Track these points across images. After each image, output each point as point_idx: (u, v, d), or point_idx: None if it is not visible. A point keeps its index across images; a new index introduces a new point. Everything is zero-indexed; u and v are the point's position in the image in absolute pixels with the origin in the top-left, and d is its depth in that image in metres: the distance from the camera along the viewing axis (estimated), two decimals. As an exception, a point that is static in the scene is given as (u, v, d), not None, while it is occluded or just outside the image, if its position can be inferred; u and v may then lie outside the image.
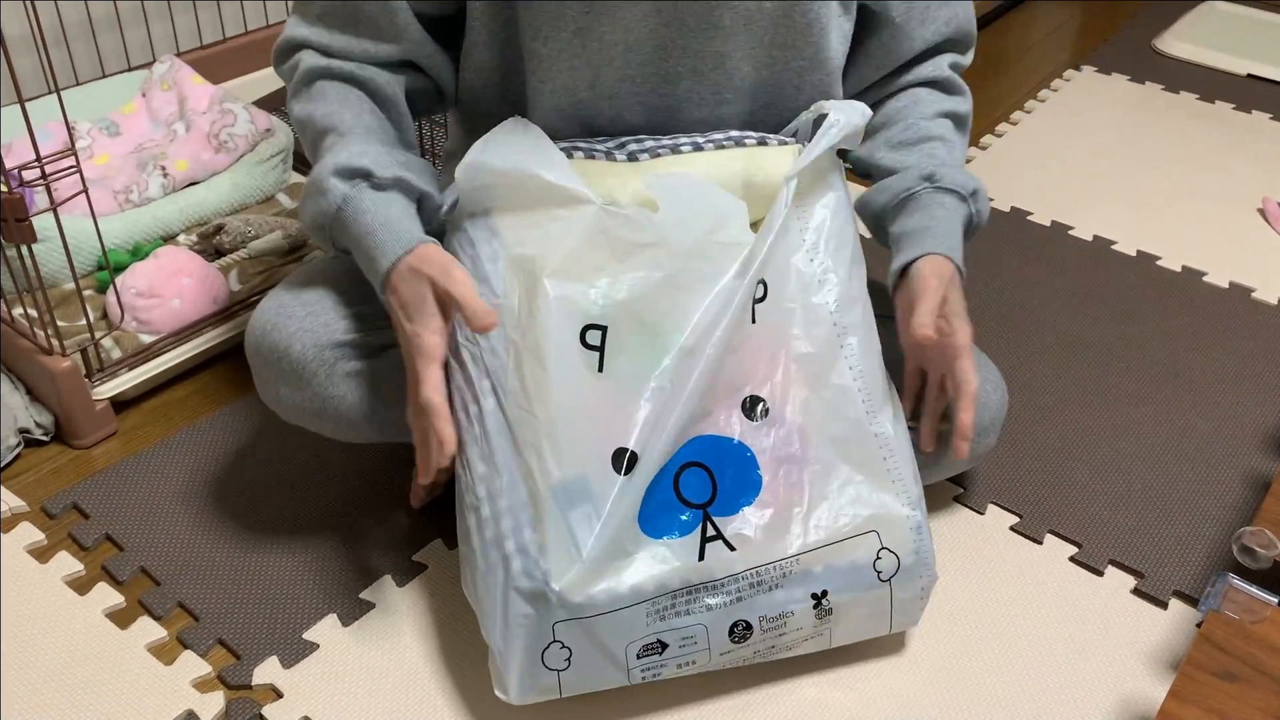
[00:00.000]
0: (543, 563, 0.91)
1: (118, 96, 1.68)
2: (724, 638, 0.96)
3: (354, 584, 1.14)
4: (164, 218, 1.50)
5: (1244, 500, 1.30)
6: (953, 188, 1.09)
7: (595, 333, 0.95)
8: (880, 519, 0.98)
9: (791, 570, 0.96)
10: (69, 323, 1.34)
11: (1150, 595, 1.17)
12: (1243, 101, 2.25)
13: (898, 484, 1.00)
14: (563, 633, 0.92)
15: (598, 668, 0.95)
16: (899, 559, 0.99)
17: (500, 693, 0.95)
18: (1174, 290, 1.67)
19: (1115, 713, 1.05)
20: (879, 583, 0.99)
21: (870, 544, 0.98)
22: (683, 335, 0.95)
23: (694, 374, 0.94)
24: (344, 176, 0.97)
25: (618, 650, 0.94)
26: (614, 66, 1.03)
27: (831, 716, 1.03)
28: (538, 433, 0.92)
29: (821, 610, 0.98)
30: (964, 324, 1.04)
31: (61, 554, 1.16)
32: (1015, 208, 1.86)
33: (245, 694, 1.03)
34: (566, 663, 0.93)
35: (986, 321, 1.58)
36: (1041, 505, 1.27)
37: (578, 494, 0.92)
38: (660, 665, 0.96)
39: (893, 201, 1.11)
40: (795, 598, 0.96)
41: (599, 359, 0.94)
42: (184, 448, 1.30)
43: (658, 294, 0.96)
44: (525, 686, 0.94)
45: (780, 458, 0.97)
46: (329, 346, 1.01)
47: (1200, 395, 1.46)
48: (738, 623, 0.96)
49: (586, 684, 0.96)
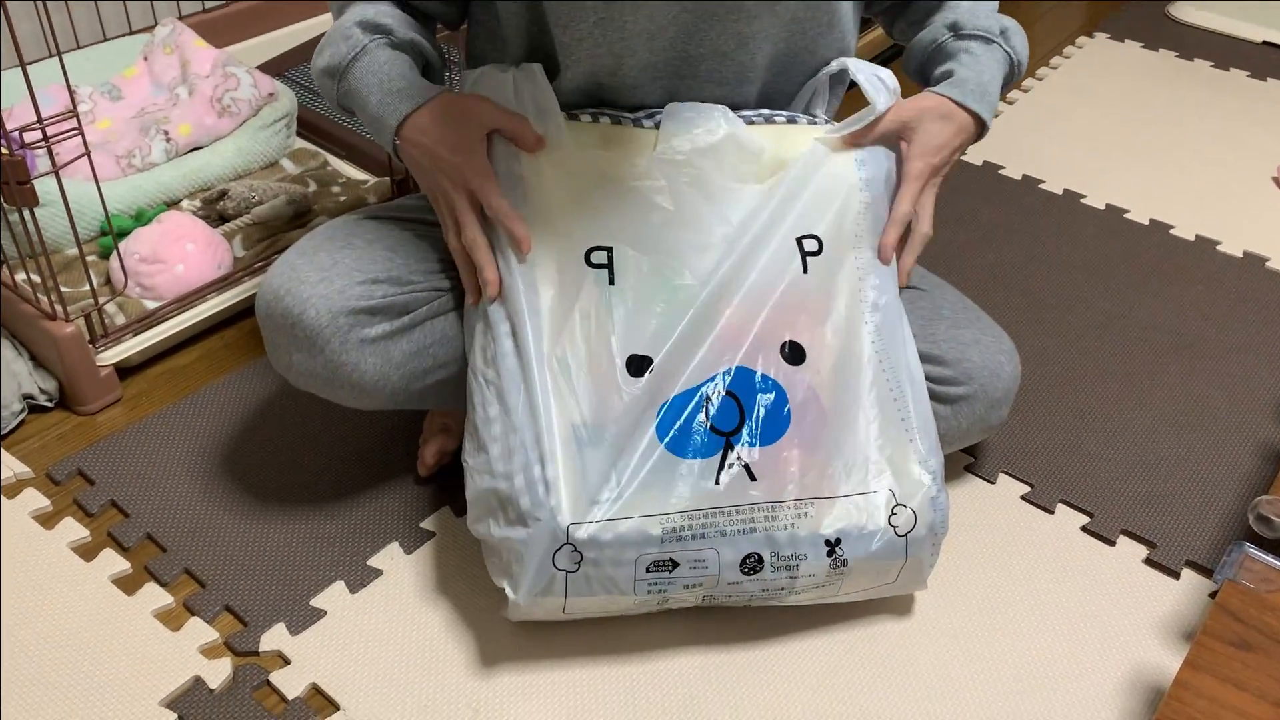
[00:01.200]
0: (550, 498, 0.92)
1: (120, 60, 1.66)
2: (735, 568, 0.97)
3: (362, 551, 1.13)
4: (167, 183, 1.49)
5: (1256, 470, 1.29)
6: (976, 32, 1.11)
7: (601, 253, 0.99)
8: (899, 475, 1.00)
9: (808, 512, 0.97)
10: (72, 288, 1.33)
11: (1162, 565, 1.16)
12: (1258, 69, 2.22)
13: (916, 442, 1.01)
14: (574, 537, 0.93)
15: (606, 577, 0.95)
16: (915, 515, 0.99)
17: (510, 592, 0.96)
18: (1187, 259, 1.66)
19: (1127, 682, 1.04)
20: (895, 537, 0.99)
21: (886, 499, 0.99)
22: (690, 267, 1.00)
23: (704, 294, 0.98)
24: (366, 29, 1.02)
25: (627, 561, 0.94)
26: (637, 55, 1.03)
27: (841, 685, 1.03)
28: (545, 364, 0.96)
29: (836, 560, 0.98)
30: (924, 161, 1.07)
31: (67, 520, 1.15)
32: (1027, 175, 1.84)
33: (252, 660, 1.03)
34: (576, 565, 0.94)
35: (997, 290, 1.56)
36: (1053, 475, 1.26)
37: (592, 435, 0.94)
38: (668, 583, 0.97)
39: (924, 56, 1.15)
40: (809, 540, 0.97)
41: (608, 274, 0.99)
42: (189, 414, 1.29)
43: (663, 228, 1.00)
44: (533, 586, 0.94)
45: (810, 404, 0.99)
46: (343, 313, 1.00)
47: (1213, 365, 1.44)
48: (750, 555, 0.96)
49: (592, 591, 0.96)
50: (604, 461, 0.94)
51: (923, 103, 1.08)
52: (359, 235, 1.06)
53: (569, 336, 0.97)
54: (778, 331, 1.00)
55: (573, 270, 0.99)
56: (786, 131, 1.07)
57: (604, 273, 0.99)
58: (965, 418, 1.12)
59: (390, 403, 1.07)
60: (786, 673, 1.04)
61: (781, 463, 0.97)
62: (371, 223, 1.09)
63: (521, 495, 0.94)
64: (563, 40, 1.02)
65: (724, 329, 0.98)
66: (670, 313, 0.98)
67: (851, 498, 0.98)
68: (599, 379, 0.96)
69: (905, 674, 1.04)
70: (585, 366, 0.96)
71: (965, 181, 1.82)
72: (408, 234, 1.08)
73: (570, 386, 0.96)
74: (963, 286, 1.54)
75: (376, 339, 1.02)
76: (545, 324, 0.97)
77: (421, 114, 1.00)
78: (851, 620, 1.08)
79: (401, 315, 1.04)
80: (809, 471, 0.97)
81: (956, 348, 1.11)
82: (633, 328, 0.98)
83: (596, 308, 0.98)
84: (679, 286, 0.99)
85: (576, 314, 0.98)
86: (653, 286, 0.99)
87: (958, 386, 1.11)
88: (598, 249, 1.00)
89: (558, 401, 0.95)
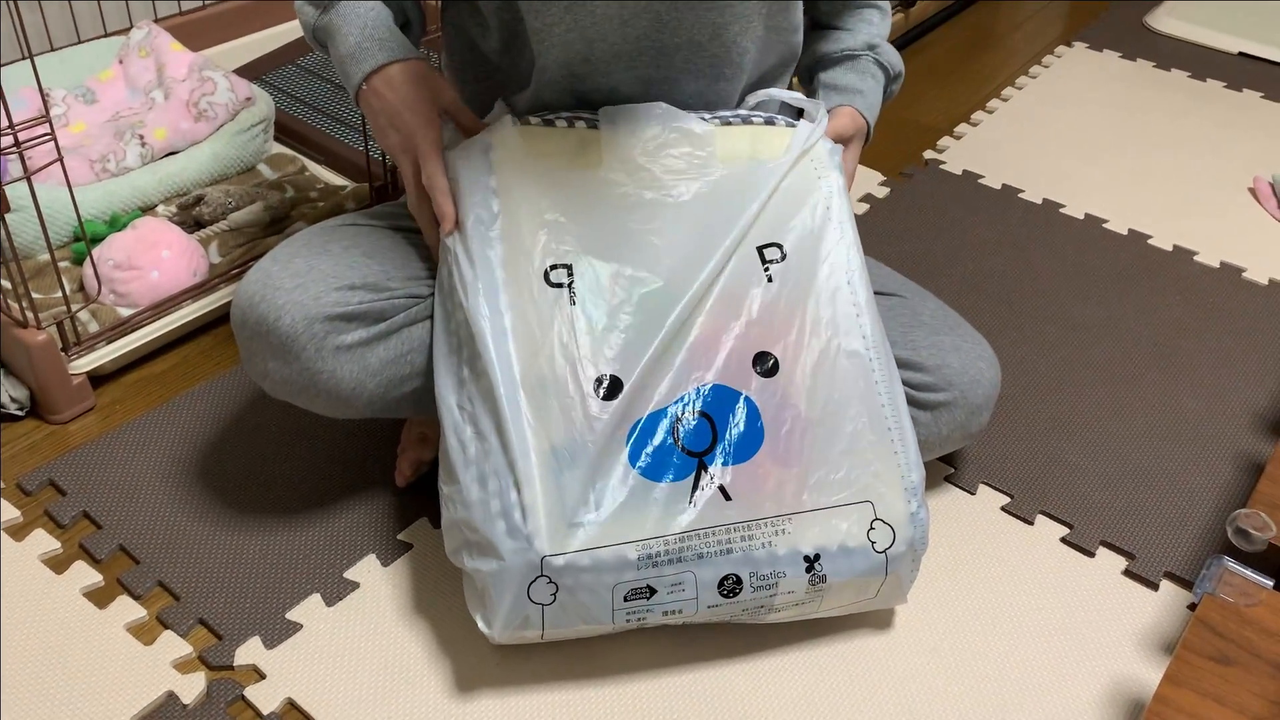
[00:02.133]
0: (527, 524, 0.91)
1: (94, 63, 1.64)
2: (713, 590, 0.96)
3: (338, 563, 1.12)
4: (142, 188, 1.47)
5: (1235, 481, 1.29)
6: (887, 65, 1.20)
7: (560, 270, 0.99)
8: (878, 490, 0.99)
9: (785, 529, 0.96)
10: (44, 295, 1.31)
11: (1142, 576, 1.17)
12: (1234, 80, 2.24)
13: (898, 456, 1.00)
14: (552, 568, 0.92)
15: (583, 607, 0.94)
16: (894, 531, 0.99)
17: (484, 627, 0.95)
18: (1165, 269, 1.66)
19: (1106, 695, 1.04)
20: (873, 553, 0.98)
21: (865, 513, 0.98)
22: (655, 276, 0.99)
23: (675, 310, 0.97)
24: None
25: (604, 590, 0.93)
26: (608, 41, 1.01)
27: (822, 700, 1.02)
28: (518, 389, 0.95)
29: (815, 576, 0.97)
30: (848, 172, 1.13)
31: (38, 532, 1.13)
32: (1006, 185, 1.84)
33: (227, 675, 1.02)
34: (552, 597, 0.93)
35: (977, 300, 1.57)
36: (1033, 486, 1.27)
37: (567, 458, 0.93)
38: (646, 610, 0.96)
39: (835, 53, 1.19)
40: (788, 559, 0.96)
41: (569, 293, 0.98)
42: (163, 423, 1.27)
43: (623, 232, 1.00)
44: (509, 621, 0.94)
45: (785, 417, 0.98)
46: (319, 320, 0.99)
47: (1191, 375, 1.45)
48: (728, 576, 0.95)
49: (570, 623, 0.95)
50: (580, 485, 0.93)
51: (857, 121, 1.16)
52: (335, 241, 1.05)
53: (538, 359, 0.96)
54: (748, 344, 0.99)
55: (533, 291, 0.98)
56: (763, 133, 1.07)
57: (564, 292, 0.98)
58: (946, 424, 1.12)
59: (367, 411, 1.06)
60: (769, 690, 1.03)
61: (757, 480, 0.96)
62: (348, 229, 1.08)
63: (495, 522, 0.92)
64: (534, 26, 1.01)
65: (693, 344, 0.97)
66: (638, 325, 0.97)
67: (830, 511, 0.97)
68: (569, 402, 0.94)
69: (885, 688, 1.04)
70: (555, 390, 0.95)
71: (945, 191, 1.82)
72: (385, 240, 1.07)
73: (545, 410, 0.94)
74: (942, 295, 1.54)
75: (353, 346, 1.01)
76: (512, 348, 0.96)
77: (394, 69, 1.02)
78: (831, 634, 1.08)
79: (379, 322, 1.03)
80: (786, 485, 0.96)
81: (936, 354, 1.11)
82: (600, 346, 0.96)
83: (561, 329, 0.97)
84: (645, 294, 0.98)
85: (541, 335, 0.96)
86: (617, 298, 0.98)
87: (938, 393, 1.11)
88: (557, 267, 0.99)
89: (533, 425, 0.94)
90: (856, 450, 0.99)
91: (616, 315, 0.97)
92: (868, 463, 0.99)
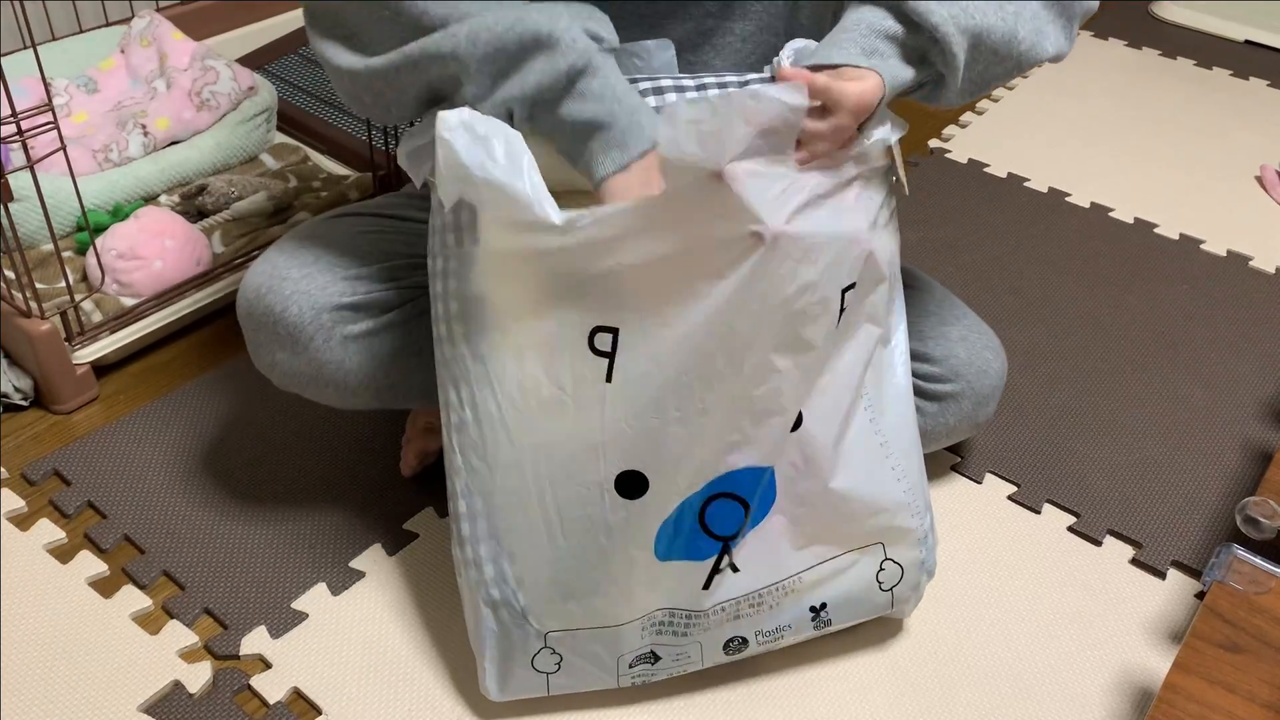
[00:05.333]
0: (520, 599, 0.89)
1: (96, 53, 1.64)
2: (718, 651, 0.95)
3: (344, 553, 1.12)
4: (145, 178, 1.46)
5: (1242, 470, 1.29)
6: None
7: (605, 336, 0.82)
8: (887, 530, 0.94)
9: (794, 589, 0.93)
10: (48, 285, 1.30)
11: (1149, 565, 1.16)
12: (1240, 68, 2.23)
13: (905, 492, 0.94)
14: (555, 640, 0.90)
15: (588, 673, 0.93)
16: (903, 569, 0.97)
17: (483, 690, 0.94)
18: (1171, 258, 1.66)
19: (1114, 683, 1.04)
20: (879, 592, 0.97)
21: (875, 555, 0.95)
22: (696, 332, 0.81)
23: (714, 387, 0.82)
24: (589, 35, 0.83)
25: (609, 660, 0.92)
26: None
27: (827, 692, 1.02)
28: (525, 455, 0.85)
29: (820, 622, 0.96)
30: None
31: (43, 521, 1.13)
32: (1012, 173, 1.83)
33: (233, 664, 1.01)
34: (556, 666, 0.92)
35: (983, 288, 1.56)
36: (1039, 475, 1.26)
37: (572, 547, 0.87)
38: (652, 673, 0.96)
39: None
40: (794, 613, 0.95)
41: (608, 367, 0.82)
42: (167, 413, 1.27)
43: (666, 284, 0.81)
44: (511, 688, 0.93)
45: (796, 472, 0.89)
46: (327, 310, 0.98)
47: (1198, 364, 1.44)
48: (734, 639, 0.94)
49: (575, 686, 0.95)
50: (581, 564, 0.86)
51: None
52: (342, 232, 1.04)
53: (547, 426, 0.84)
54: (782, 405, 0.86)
55: (569, 350, 0.83)
56: None
57: (603, 364, 0.82)
58: (953, 415, 1.11)
59: (375, 402, 1.06)
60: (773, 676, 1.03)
61: (769, 544, 0.90)
62: (355, 219, 1.07)
63: (493, 588, 0.89)
64: None
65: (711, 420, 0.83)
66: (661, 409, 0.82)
67: (840, 559, 0.94)
68: (579, 491, 0.84)
69: (892, 677, 1.03)
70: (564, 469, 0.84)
71: (950, 179, 1.82)
72: (391, 231, 1.06)
73: (546, 483, 0.85)
74: (948, 284, 1.54)
75: (361, 336, 1.01)
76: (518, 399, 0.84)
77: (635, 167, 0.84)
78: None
79: (386, 312, 1.02)
80: (795, 546, 0.92)
81: (943, 345, 1.11)
82: (624, 437, 0.83)
83: (581, 404, 0.83)
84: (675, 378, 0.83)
85: (557, 403, 0.84)
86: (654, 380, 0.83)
87: (945, 384, 1.10)
88: (602, 330, 0.82)
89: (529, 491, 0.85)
90: (862, 496, 0.91)
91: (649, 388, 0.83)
92: (875, 507, 0.93)
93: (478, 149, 0.78)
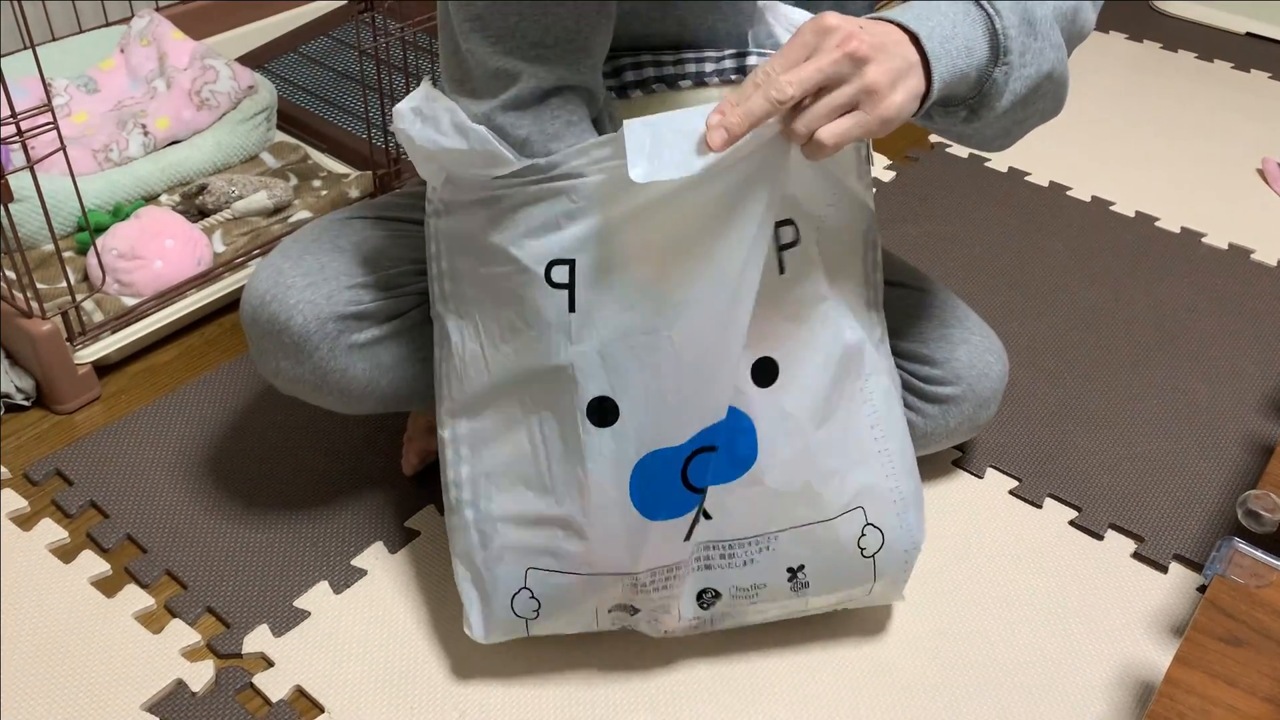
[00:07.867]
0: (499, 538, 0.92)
1: (96, 52, 1.64)
2: (692, 604, 0.95)
3: (345, 551, 1.12)
4: (145, 177, 1.46)
5: (1244, 463, 1.29)
6: None
7: (562, 268, 0.84)
8: (867, 493, 0.94)
9: (770, 546, 0.93)
10: (49, 285, 1.31)
11: (1151, 559, 1.16)
12: (1242, 60, 2.22)
13: (884, 455, 0.95)
14: (534, 581, 0.91)
15: (567, 618, 0.95)
16: (884, 534, 0.95)
17: (466, 630, 0.96)
18: (1173, 251, 1.65)
19: (1116, 677, 1.04)
20: (861, 558, 0.96)
21: (856, 520, 0.94)
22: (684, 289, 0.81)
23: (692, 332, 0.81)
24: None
25: (588, 607, 0.94)
26: None
27: (828, 681, 1.02)
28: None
29: (797, 584, 0.96)
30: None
31: (45, 521, 1.13)
32: (1013, 168, 1.83)
33: (235, 663, 1.02)
34: (535, 613, 0.94)
35: (984, 283, 1.56)
36: (1041, 469, 1.26)
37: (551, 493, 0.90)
38: (630, 621, 0.97)
39: None
40: (769, 571, 0.94)
41: (568, 297, 0.84)
42: (169, 413, 1.27)
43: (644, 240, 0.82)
44: (491, 629, 0.95)
45: (778, 429, 0.89)
46: (332, 319, 0.98)
47: (1199, 357, 1.44)
48: (706, 590, 0.95)
49: (555, 628, 0.96)
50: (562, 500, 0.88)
51: None
52: (345, 237, 1.04)
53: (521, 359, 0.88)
54: (751, 347, 0.86)
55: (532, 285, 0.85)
56: None
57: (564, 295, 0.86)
58: (953, 417, 1.11)
59: (379, 407, 1.06)
60: (774, 673, 1.03)
61: (746, 500, 0.90)
62: (358, 223, 1.06)
63: (475, 553, 0.93)
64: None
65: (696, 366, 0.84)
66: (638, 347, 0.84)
67: (818, 525, 0.93)
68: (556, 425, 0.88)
69: (893, 671, 1.04)
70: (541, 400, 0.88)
71: (951, 174, 1.81)
72: (395, 235, 1.06)
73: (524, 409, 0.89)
74: (948, 280, 1.54)
75: (365, 344, 1.01)
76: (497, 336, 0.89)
77: None
78: (839, 616, 1.07)
79: (390, 319, 1.02)
80: (774, 503, 0.91)
81: (945, 347, 1.10)
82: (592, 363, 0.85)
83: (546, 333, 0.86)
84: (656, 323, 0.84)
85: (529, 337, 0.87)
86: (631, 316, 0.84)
87: (946, 386, 1.10)
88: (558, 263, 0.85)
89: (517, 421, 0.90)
90: (843, 457, 0.92)
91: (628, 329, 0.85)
92: (855, 470, 0.93)
93: (428, 128, 0.86)
